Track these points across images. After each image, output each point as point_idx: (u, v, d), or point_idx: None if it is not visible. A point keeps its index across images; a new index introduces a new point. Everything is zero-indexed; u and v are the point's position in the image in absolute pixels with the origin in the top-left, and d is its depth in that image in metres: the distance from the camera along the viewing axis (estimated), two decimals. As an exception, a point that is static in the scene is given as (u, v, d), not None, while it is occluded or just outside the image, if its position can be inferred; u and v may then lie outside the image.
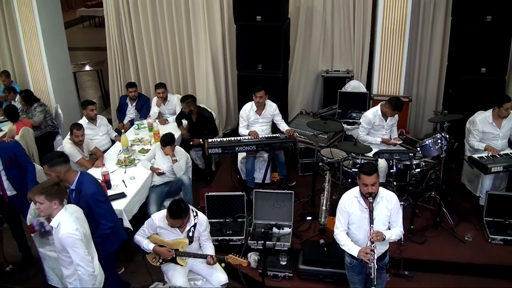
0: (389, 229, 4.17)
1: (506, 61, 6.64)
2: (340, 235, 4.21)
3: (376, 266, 3.96)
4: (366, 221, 4.06)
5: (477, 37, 6.49)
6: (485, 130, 6.04)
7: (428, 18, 7.50)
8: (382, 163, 5.96)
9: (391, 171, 5.66)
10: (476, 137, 6.10)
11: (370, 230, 3.99)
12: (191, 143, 6.97)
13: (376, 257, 3.97)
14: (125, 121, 7.78)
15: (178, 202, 4.40)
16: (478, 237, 5.65)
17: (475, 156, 5.92)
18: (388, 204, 4.11)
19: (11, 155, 5.31)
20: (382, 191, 4.12)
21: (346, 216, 4.16)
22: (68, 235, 3.76)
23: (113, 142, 7.01)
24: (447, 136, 5.73)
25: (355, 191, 4.18)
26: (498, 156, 5.88)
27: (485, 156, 5.89)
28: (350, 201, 4.15)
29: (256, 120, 6.56)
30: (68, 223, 3.81)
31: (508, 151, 6.05)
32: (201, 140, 6.84)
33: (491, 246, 5.53)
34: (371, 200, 3.98)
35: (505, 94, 6.29)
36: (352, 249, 4.12)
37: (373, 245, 3.97)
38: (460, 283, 4.91)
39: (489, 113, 6.04)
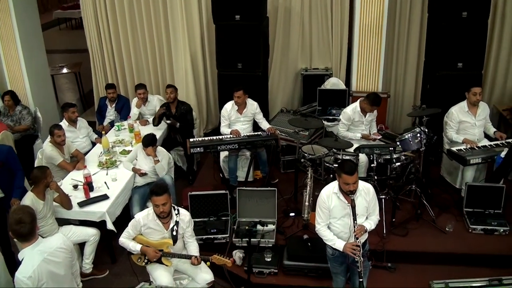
0: (367, 218, 4.26)
1: (482, 55, 6.77)
2: (322, 230, 4.27)
3: (362, 259, 4.04)
4: (347, 215, 4.13)
5: (454, 33, 6.60)
6: (461, 119, 6.17)
7: (405, 15, 7.61)
8: (362, 158, 6.03)
9: (372, 165, 5.74)
10: (454, 128, 6.23)
11: (355, 226, 4.04)
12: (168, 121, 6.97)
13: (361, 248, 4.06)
14: (105, 122, 7.73)
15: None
16: (459, 228, 5.76)
17: (454, 148, 6.04)
18: (366, 196, 4.19)
19: (3, 159, 5.27)
20: (360, 183, 4.18)
21: (326, 212, 4.21)
22: (16, 280, 3.35)
23: (94, 144, 6.96)
24: (426, 130, 5.82)
25: (333, 186, 4.22)
26: (476, 148, 6.01)
27: (464, 148, 6.01)
28: (330, 196, 4.20)
29: (238, 119, 6.59)
30: (25, 266, 3.39)
31: (485, 142, 6.19)
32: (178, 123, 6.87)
33: (472, 236, 5.64)
34: (352, 197, 4.03)
35: (479, 82, 6.43)
36: (337, 244, 4.18)
37: (358, 240, 4.04)
38: (443, 273, 4.98)
39: (464, 103, 6.19)
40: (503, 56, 7.63)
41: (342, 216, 4.18)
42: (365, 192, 4.19)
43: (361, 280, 4.05)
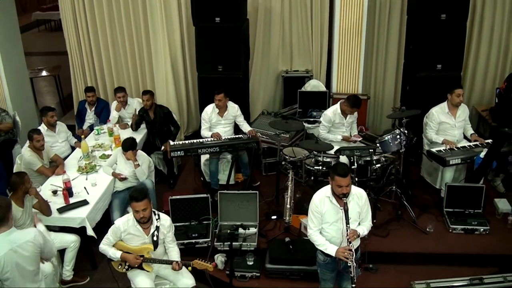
0: (359, 224, 4.22)
1: (461, 57, 6.88)
2: (314, 235, 4.20)
3: (355, 264, 3.99)
4: (339, 220, 4.08)
5: (432, 35, 6.69)
6: (441, 120, 6.23)
7: (384, 17, 7.68)
8: (343, 160, 6.05)
9: (352, 167, 5.74)
10: (434, 128, 6.28)
11: (347, 230, 3.98)
12: (162, 149, 6.84)
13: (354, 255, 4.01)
14: (85, 126, 7.64)
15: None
16: (439, 228, 5.82)
17: (434, 149, 6.09)
18: (359, 201, 4.14)
19: None
20: (352, 188, 4.13)
21: (319, 216, 4.15)
22: None
23: (73, 148, 6.87)
24: (406, 131, 5.87)
25: (326, 190, 4.17)
26: (456, 149, 6.07)
27: (443, 149, 6.07)
28: (322, 200, 4.14)
29: (219, 121, 6.57)
30: None
31: (465, 143, 6.25)
32: (170, 141, 6.76)
33: (452, 236, 5.71)
34: (345, 201, 3.98)
35: (458, 83, 6.51)
36: (329, 249, 4.11)
37: (350, 244, 3.98)
38: (424, 273, 5.02)
39: (444, 104, 6.25)
40: (481, 58, 7.76)
41: (335, 221, 4.12)
42: (358, 196, 4.14)
43: (353, 286, 3.98)
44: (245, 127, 6.63)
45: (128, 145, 5.84)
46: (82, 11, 8.00)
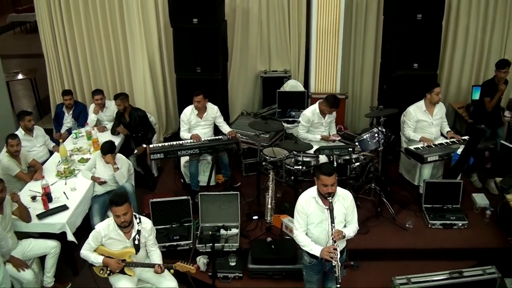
0: (345, 226, 4.21)
1: (437, 56, 6.98)
2: (300, 236, 4.20)
3: (340, 264, 3.98)
4: (325, 220, 4.08)
5: (409, 35, 6.78)
6: (419, 118, 6.32)
7: (361, 18, 7.77)
8: (323, 159, 6.10)
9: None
10: (411, 126, 6.37)
11: (332, 229, 3.98)
12: (135, 152, 6.83)
13: (339, 253, 3.99)
14: (63, 130, 7.55)
15: None
16: (419, 224, 5.92)
17: (411, 147, 6.17)
18: (344, 202, 4.15)
19: None
20: (338, 189, 4.13)
21: (304, 217, 4.16)
22: None
23: (51, 153, 6.78)
24: (384, 130, 5.94)
25: (312, 191, 4.18)
26: (433, 146, 6.17)
27: (421, 146, 6.16)
28: (308, 201, 4.15)
29: (198, 123, 6.55)
30: None
31: (442, 140, 6.35)
32: (144, 145, 6.75)
33: (431, 231, 5.81)
34: (331, 200, 3.99)
35: (435, 81, 6.61)
36: (314, 249, 4.10)
37: (335, 243, 3.98)
38: (404, 268, 5.08)
39: (421, 102, 6.33)
40: (457, 56, 7.88)
41: (320, 221, 4.12)
42: (343, 198, 4.16)
43: (338, 286, 3.96)
44: (225, 128, 6.63)
45: (107, 149, 5.80)
46: (58, 12, 7.89)
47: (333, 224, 3.99)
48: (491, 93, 6.44)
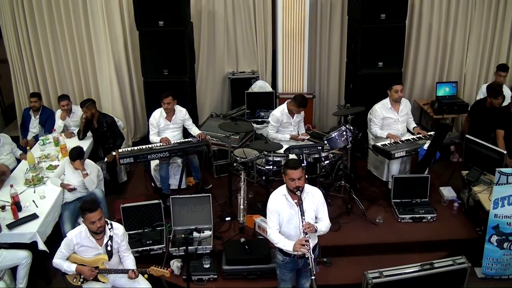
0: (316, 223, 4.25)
1: (401, 54, 7.14)
2: (273, 234, 4.23)
3: (313, 256, 4.01)
4: (295, 217, 4.14)
5: (373, 34, 6.91)
6: (385, 115, 6.44)
7: (326, 18, 7.88)
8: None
9: (302, 165, 5.82)
10: (378, 124, 6.48)
11: (302, 222, 4.03)
12: (105, 160, 6.73)
13: (311, 248, 4.03)
14: (29, 136, 7.40)
15: None
16: (388, 218, 6.04)
17: (379, 144, 6.29)
18: (314, 198, 4.22)
19: None
20: (307, 187, 4.22)
21: (276, 215, 4.21)
22: None
23: (19, 161, 6.63)
24: (351, 127, 6.03)
25: (282, 189, 4.25)
26: (400, 142, 6.30)
27: (388, 143, 6.28)
28: (279, 200, 4.21)
29: (167, 126, 6.52)
30: None
31: (408, 136, 6.49)
32: (113, 153, 6.66)
33: (401, 225, 5.93)
34: (299, 194, 4.06)
35: (399, 79, 6.73)
36: (287, 245, 4.13)
37: (307, 235, 4.01)
38: (376, 263, 5.16)
39: (387, 100, 6.47)
40: (421, 54, 8.06)
41: (290, 217, 4.18)
42: (313, 194, 4.23)
43: (313, 278, 3.96)
44: (194, 131, 6.61)
45: (76, 155, 5.70)
46: (22, 16, 7.70)
47: (303, 217, 4.04)
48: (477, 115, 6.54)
